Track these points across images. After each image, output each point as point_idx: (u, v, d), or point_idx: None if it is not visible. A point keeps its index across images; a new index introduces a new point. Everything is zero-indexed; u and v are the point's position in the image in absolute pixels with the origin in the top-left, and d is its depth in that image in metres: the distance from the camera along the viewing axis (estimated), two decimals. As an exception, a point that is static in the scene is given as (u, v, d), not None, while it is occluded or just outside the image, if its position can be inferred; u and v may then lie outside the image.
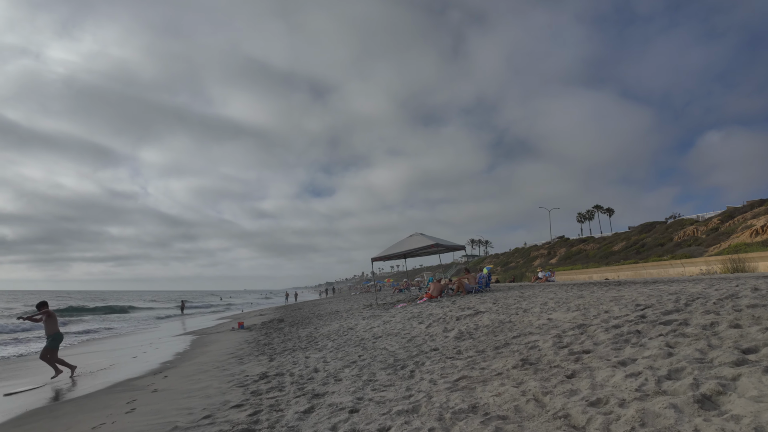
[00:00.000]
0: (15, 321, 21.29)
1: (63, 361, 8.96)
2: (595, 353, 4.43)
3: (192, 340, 13.89)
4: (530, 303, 9.39)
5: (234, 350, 9.85)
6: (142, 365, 9.24)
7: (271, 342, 10.41)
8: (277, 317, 19.07)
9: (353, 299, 30.17)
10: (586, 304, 8.02)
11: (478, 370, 4.64)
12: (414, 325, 8.94)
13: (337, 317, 14.58)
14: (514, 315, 7.97)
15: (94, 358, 11.95)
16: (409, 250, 15.96)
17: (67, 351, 13.80)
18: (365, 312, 14.79)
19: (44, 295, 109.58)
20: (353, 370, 5.76)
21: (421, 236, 16.57)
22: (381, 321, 10.90)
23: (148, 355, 11.14)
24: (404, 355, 6.14)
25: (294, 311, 23.43)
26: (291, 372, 6.24)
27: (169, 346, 12.94)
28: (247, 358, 8.36)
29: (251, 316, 24.46)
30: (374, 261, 16.97)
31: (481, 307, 9.87)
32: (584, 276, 36.97)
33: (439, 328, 8.03)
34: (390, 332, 8.68)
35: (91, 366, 9.94)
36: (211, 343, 12.17)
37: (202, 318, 30.49)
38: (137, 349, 12.85)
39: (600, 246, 79.76)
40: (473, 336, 6.66)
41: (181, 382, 6.68)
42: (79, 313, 36.46)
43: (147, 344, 14.26)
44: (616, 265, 48.39)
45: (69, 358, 12.15)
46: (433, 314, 10.15)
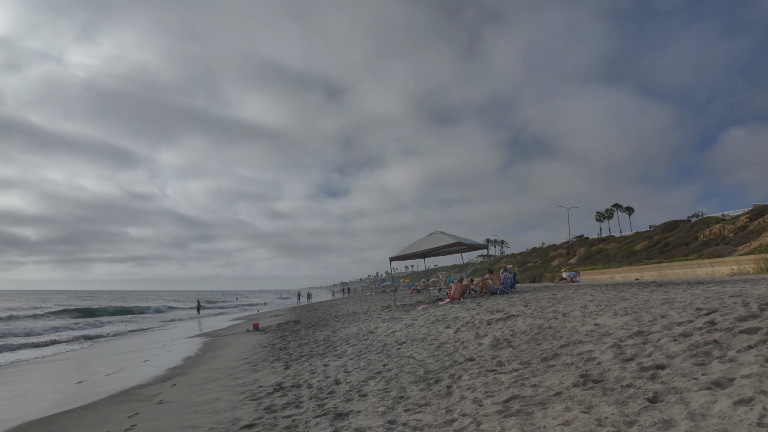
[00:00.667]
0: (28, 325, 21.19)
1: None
2: (674, 369, 3.68)
3: (205, 343, 13.41)
4: (567, 306, 8.61)
5: (248, 355, 9.28)
6: (151, 370, 8.74)
7: (287, 346, 9.82)
8: (292, 318, 18.54)
9: (369, 300, 29.55)
10: (633, 307, 7.22)
11: (530, 387, 3.93)
12: (440, 330, 8.24)
13: (354, 319, 13.95)
14: (552, 319, 7.21)
15: (106, 360, 11.54)
16: (429, 249, 15.25)
17: (81, 353, 13.46)
18: (384, 314, 14.12)
19: (67, 294, 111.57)
20: (379, 382, 5.09)
21: (441, 235, 15.84)
22: (402, 324, 10.22)
23: (159, 358, 10.66)
24: (436, 366, 5.45)
25: (310, 312, 22.90)
26: (309, 383, 5.60)
27: (182, 348, 12.47)
28: (261, 364, 7.77)
29: (266, 317, 24.02)
30: (392, 260, 16.30)
31: (512, 310, 9.12)
32: (606, 276, 35.75)
33: (469, 333, 7.31)
34: (414, 337, 8.00)
35: (101, 370, 9.49)
36: (225, 347, 11.65)
37: (218, 318, 30.21)
38: (149, 352, 12.42)
39: (621, 245, 77.81)
40: (512, 344, 5.94)
41: (190, 392, 6.10)
42: (97, 313, 36.61)
43: (160, 346, 13.84)
44: (639, 265, 46.86)
45: (83, 360, 11.82)
46: (459, 317, 9.44)
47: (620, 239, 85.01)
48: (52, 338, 17.44)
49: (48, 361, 11.95)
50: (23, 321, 26.84)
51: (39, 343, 15.92)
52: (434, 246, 15.15)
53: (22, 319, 27.13)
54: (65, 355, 13.21)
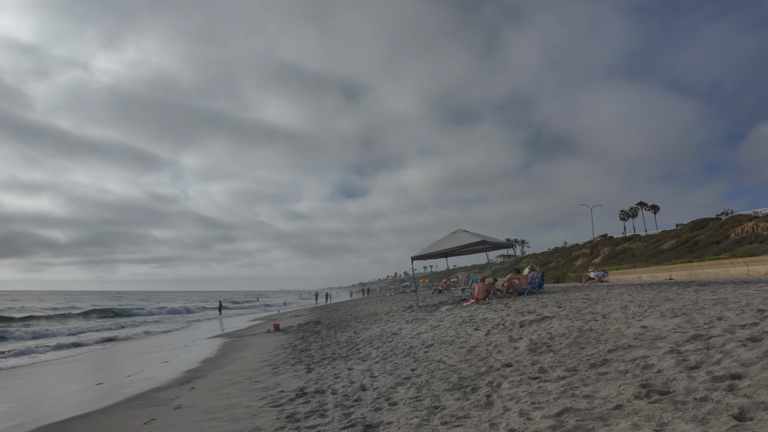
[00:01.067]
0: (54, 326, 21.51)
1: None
2: (754, 380, 3.18)
3: (226, 344, 13.23)
4: (605, 306, 8.06)
5: (268, 356, 9.00)
6: (171, 372, 8.53)
7: (309, 348, 9.51)
8: (313, 319, 18.29)
9: (389, 300, 29.17)
10: (681, 308, 6.66)
11: (583, 398, 3.48)
12: (469, 332, 7.79)
13: (376, 320, 13.58)
14: (592, 321, 6.70)
15: (127, 361, 11.45)
16: (452, 248, 14.78)
17: (104, 353, 13.45)
18: (406, 314, 13.72)
19: (94, 295, 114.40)
20: (409, 389, 4.69)
21: (464, 233, 15.35)
22: (427, 325, 9.80)
23: (179, 359, 10.49)
24: (470, 372, 5.02)
25: (330, 312, 22.65)
26: (333, 389, 5.24)
27: (203, 349, 12.31)
28: (283, 367, 7.46)
29: (287, 317, 23.87)
30: (414, 260, 15.88)
31: (545, 311, 8.61)
32: (632, 276, 34.60)
33: (502, 336, 6.85)
34: (442, 340, 7.57)
35: (122, 371, 9.35)
36: (245, 348, 11.42)
37: (239, 318, 30.27)
38: (170, 353, 12.29)
39: (647, 244, 75.64)
40: (552, 348, 5.47)
41: (208, 396, 5.82)
42: (121, 314, 37.19)
43: (181, 347, 13.74)
44: (667, 265, 45.30)
45: (105, 360, 11.75)
46: (487, 319, 8.97)
47: (646, 238, 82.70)
48: (77, 339, 17.60)
49: (71, 362, 11.94)
50: (49, 321, 27.37)
51: (62, 344, 16.04)
52: (457, 245, 14.67)
53: (47, 320, 27.67)
54: (88, 355, 13.22)
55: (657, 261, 57.17)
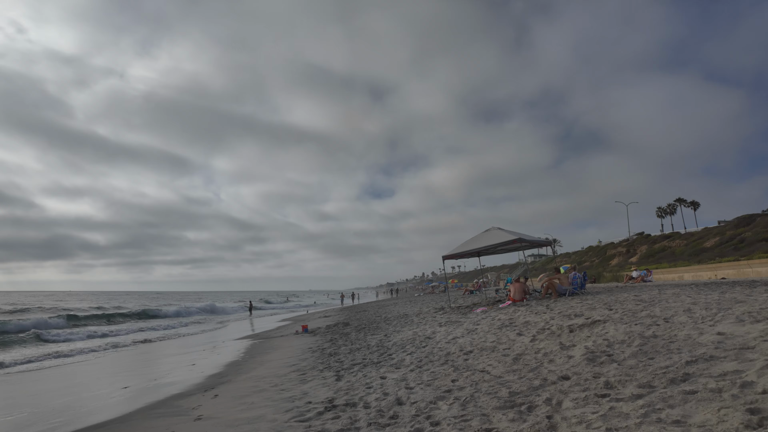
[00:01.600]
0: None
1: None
2: None
3: (254, 345, 12.95)
4: (664, 309, 7.25)
5: (296, 361, 8.58)
6: (196, 376, 8.23)
7: (338, 351, 9.04)
8: (342, 320, 17.89)
9: (418, 301, 28.54)
10: (761, 311, 5.82)
11: (674, 426, 2.83)
12: (512, 337, 7.13)
13: (407, 322, 13.02)
14: (653, 326, 5.95)
15: (155, 363, 11.31)
16: (486, 246, 14.05)
17: (134, 354, 13.41)
18: (439, 316, 13.10)
19: (132, 296, 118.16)
20: (452, 405, 4.12)
21: (499, 231, 14.60)
22: (463, 329, 9.18)
23: (206, 362, 10.23)
24: (521, 385, 4.40)
25: (359, 313, 22.22)
26: (365, 401, 4.72)
27: (230, 351, 12.06)
28: (310, 373, 7.00)
29: (315, 318, 23.60)
30: (446, 259, 15.22)
31: (594, 314, 7.85)
32: (674, 276, 32.80)
33: (551, 342, 6.18)
34: (482, 346, 6.94)
35: (148, 373, 9.14)
36: (272, 350, 11.07)
37: (268, 319, 30.29)
38: (198, 354, 12.10)
39: (688, 242, 72.20)
40: (614, 358, 4.78)
41: (231, 405, 5.40)
42: (157, 314, 37.96)
43: (210, 348, 13.56)
44: (710, 263, 42.92)
45: (133, 361, 11.58)
46: (530, 322, 8.27)
47: (686, 236, 79.05)
48: (113, 340, 17.78)
49: (104, 363, 11.91)
50: (87, 321, 28.04)
51: (98, 346, 16.18)
52: (491, 243, 13.94)
53: (81, 320, 28.35)
54: (122, 356, 13.20)
55: (699, 260, 54.33)
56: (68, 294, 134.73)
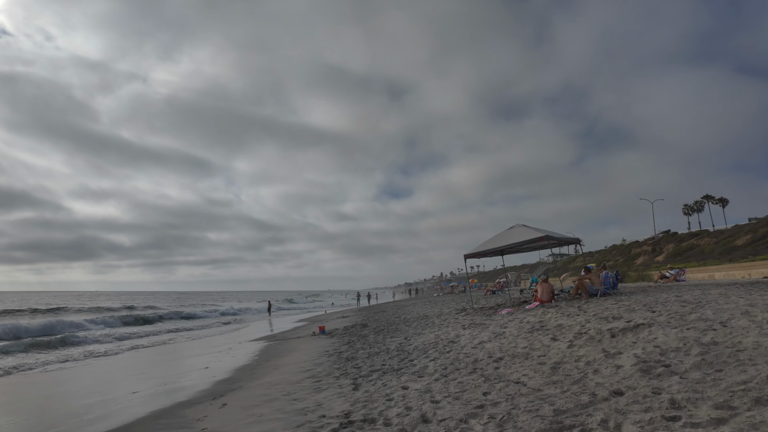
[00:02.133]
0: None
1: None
2: None
3: (269, 347, 12.56)
4: (717, 311, 6.51)
5: (311, 365, 8.10)
6: (207, 380, 7.83)
7: (355, 356, 8.53)
8: (360, 321, 17.40)
9: (438, 301, 27.88)
10: (838, 316, 5.07)
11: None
12: (545, 342, 6.50)
13: (428, 324, 12.45)
14: (710, 331, 5.25)
15: (167, 365, 10.99)
16: (510, 244, 13.36)
17: (148, 355, 13.17)
18: (461, 318, 12.48)
19: (157, 296, 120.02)
20: (487, 425, 3.55)
21: (524, 228, 13.89)
22: (489, 332, 8.56)
23: (220, 365, 9.85)
24: (566, 401, 3.80)
25: (377, 314, 21.72)
26: (386, 417, 4.18)
27: (244, 353, 11.68)
28: (326, 380, 6.50)
29: (333, 319, 23.20)
30: (468, 258, 14.58)
31: (635, 316, 7.15)
32: (704, 275, 31.35)
33: (592, 349, 5.53)
34: (513, 352, 6.33)
35: (160, 376, 8.80)
36: (287, 353, 10.64)
37: (286, 319, 30.07)
38: (213, 356, 11.77)
39: (717, 240, 69.60)
40: (672, 369, 4.13)
41: (239, 417, 4.94)
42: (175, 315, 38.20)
43: (226, 350, 13.23)
44: (743, 262, 41.12)
45: (146, 362, 11.17)
46: (563, 326, 7.61)
47: (716, 234, 76.33)
48: (134, 343, 17.68)
49: (119, 364, 11.69)
50: (106, 321, 28.24)
51: (116, 348, 16.07)
52: (516, 241, 13.24)
53: (105, 319, 28.57)
54: (139, 357, 12.98)
55: (731, 258, 52.21)
56: (97, 294, 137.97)
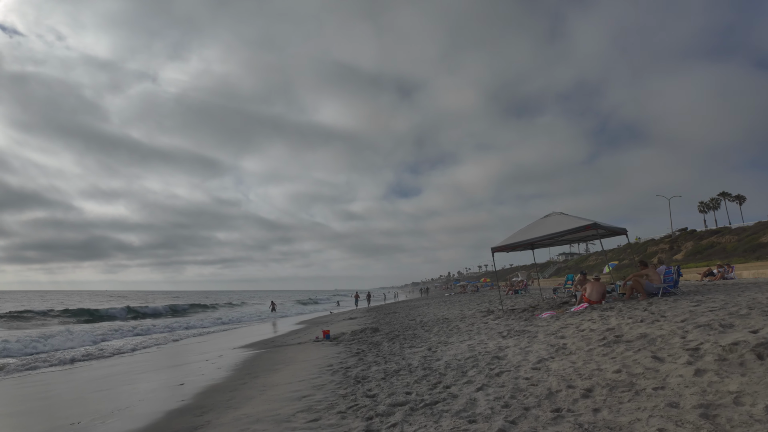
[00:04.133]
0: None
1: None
2: None
3: (261, 357, 10.57)
4: None
5: (308, 388, 6.09)
6: (169, 406, 5.86)
7: (367, 374, 6.49)
8: (369, 325, 15.36)
9: (453, 301, 25.80)
10: None
11: None
12: (644, 362, 4.43)
13: (453, 329, 10.41)
14: None
15: (141, 379, 9.04)
16: (549, 234, 11.26)
17: (124, 366, 11.22)
18: (492, 322, 10.43)
19: (165, 295, 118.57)
20: None
21: (563, 216, 11.81)
22: (544, 344, 6.52)
23: (201, 379, 7.90)
24: None
25: (388, 316, 19.66)
26: None
27: (231, 365, 9.72)
28: (326, 417, 4.48)
29: (339, 321, 21.18)
30: (495, 252, 12.52)
31: (738, 323, 5.07)
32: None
33: (747, 381, 3.46)
34: (603, 378, 4.27)
35: (121, 396, 6.84)
36: (281, 366, 8.63)
37: (289, 320, 28.17)
38: (196, 367, 9.84)
39: (740, 238, 66.82)
40: None
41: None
42: (184, 312, 36.44)
43: (215, 357, 11.30)
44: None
45: (117, 377, 9.08)
46: (649, 336, 5.54)
47: (737, 231, 73.50)
48: (120, 344, 15.85)
49: (81, 375, 9.79)
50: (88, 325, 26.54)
51: (92, 355, 14.25)
52: (555, 231, 11.13)
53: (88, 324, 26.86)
54: (114, 367, 11.06)
55: (758, 256, 49.56)
56: (108, 294, 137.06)
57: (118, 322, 27.11)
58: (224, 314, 35.85)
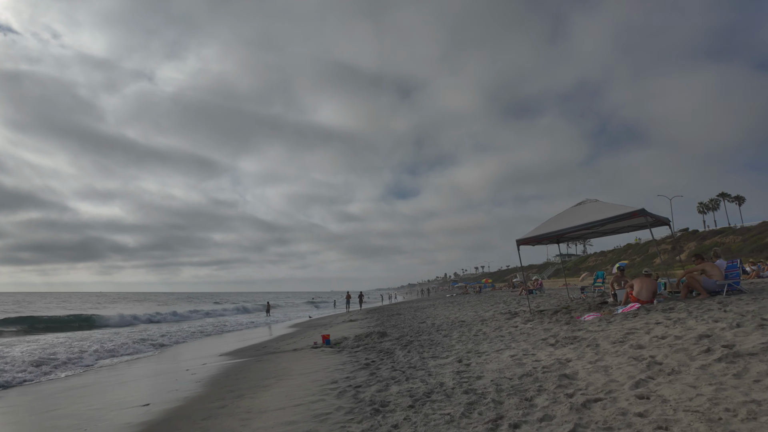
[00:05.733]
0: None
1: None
2: None
3: (249, 368, 8.93)
4: None
5: (308, 417, 4.47)
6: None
7: (386, 397, 4.85)
8: (374, 328, 13.70)
9: (459, 303, 24.23)
10: None
11: None
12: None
13: (479, 335, 8.82)
14: None
15: (99, 396, 7.39)
16: (585, 224, 9.67)
17: (93, 379, 9.54)
18: (524, 326, 8.87)
19: (159, 297, 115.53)
20: None
21: (599, 204, 10.27)
22: (621, 356, 4.94)
23: (171, 397, 6.28)
24: None
25: (392, 318, 18.01)
26: None
27: (213, 376, 8.11)
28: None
29: (339, 323, 19.53)
30: (521, 244, 10.94)
31: None
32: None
33: None
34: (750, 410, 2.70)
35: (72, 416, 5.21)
36: (273, 381, 6.99)
37: (284, 323, 26.50)
38: (171, 378, 8.23)
39: (745, 238, 65.84)
40: None
41: None
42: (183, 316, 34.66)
43: (198, 365, 9.69)
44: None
45: (103, 379, 7.29)
46: (741, 351, 3.97)
47: (741, 231, 72.58)
48: (93, 354, 14.14)
49: (44, 391, 8.13)
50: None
51: (72, 360, 12.57)
52: (593, 219, 9.56)
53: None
54: (82, 379, 9.40)
55: (766, 256, 48.34)
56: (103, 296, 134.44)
57: (102, 330, 25.32)
58: (214, 317, 34.14)
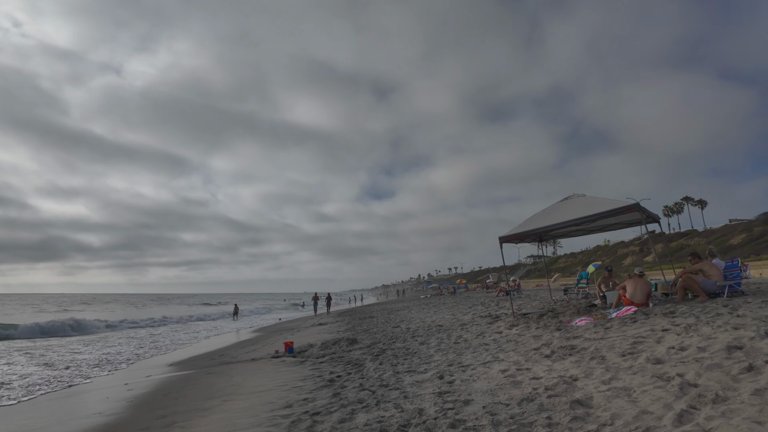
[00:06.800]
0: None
1: None
2: None
3: (194, 382, 7.70)
4: None
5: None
6: None
7: (350, 430, 3.82)
8: (344, 334, 12.59)
9: (434, 304, 23.37)
10: None
11: None
12: None
13: (459, 342, 7.87)
14: None
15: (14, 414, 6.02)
16: (575, 219, 8.89)
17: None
18: (509, 332, 7.98)
19: (127, 297, 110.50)
20: None
21: (588, 198, 9.53)
22: (638, 373, 4.05)
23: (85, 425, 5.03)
24: None
25: (364, 321, 16.91)
26: None
27: (147, 394, 6.87)
28: None
29: (306, 328, 18.28)
30: (504, 242, 10.07)
31: None
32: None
33: None
34: None
35: None
36: (217, 402, 5.81)
37: (249, 325, 25.03)
38: (96, 398, 6.93)
39: (709, 240, 67.93)
40: None
41: None
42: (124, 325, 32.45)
43: (140, 378, 8.38)
44: (751, 260, 38.81)
45: None
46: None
47: (706, 233, 74.99)
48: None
49: None
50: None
51: None
52: (584, 215, 8.78)
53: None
54: None
55: (731, 257, 49.83)
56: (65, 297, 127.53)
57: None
58: (182, 323, 32.21)
